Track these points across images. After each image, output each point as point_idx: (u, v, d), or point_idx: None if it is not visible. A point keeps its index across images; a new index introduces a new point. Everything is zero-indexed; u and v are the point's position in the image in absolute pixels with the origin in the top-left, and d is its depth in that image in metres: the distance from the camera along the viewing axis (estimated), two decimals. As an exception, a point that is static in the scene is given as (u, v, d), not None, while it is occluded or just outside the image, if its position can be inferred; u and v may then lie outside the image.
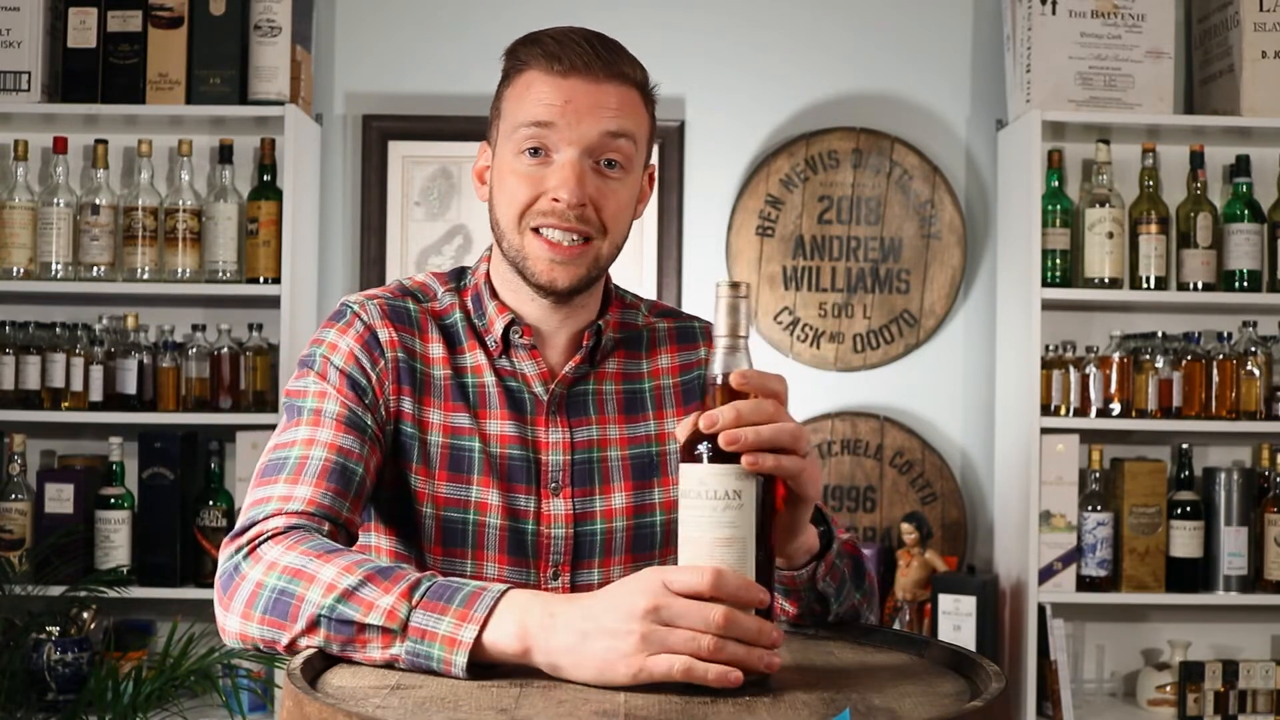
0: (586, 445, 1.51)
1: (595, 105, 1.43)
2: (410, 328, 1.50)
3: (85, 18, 3.13)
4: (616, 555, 1.50)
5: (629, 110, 1.46)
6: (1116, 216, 3.20)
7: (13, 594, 2.89)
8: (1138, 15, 3.18)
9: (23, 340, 3.14)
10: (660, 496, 1.53)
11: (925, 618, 3.19)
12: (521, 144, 1.45)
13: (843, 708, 1.07)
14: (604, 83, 1.44)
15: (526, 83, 1.46)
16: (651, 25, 3.40)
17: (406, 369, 1.47)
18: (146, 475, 3.13)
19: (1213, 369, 3.19)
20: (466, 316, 1.52)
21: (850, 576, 1.40)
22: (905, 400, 3.41)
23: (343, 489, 1.38)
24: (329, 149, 3.38)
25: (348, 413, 1.42)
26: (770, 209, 3.38)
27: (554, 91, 1.43)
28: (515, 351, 1.51)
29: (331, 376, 1.45)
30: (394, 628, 1.17)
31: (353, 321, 1.48)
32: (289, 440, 1.42)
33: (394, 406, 1.46)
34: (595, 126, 1.43)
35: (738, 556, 1.12)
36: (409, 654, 1.17)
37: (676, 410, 1.56)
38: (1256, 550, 3.21)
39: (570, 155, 1.44)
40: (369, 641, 1.19)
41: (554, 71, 1.44)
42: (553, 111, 1.43)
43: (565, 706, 1.07)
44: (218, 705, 2.91)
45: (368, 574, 1.22)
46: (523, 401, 1.49)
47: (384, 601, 1.19)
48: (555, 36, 1.45)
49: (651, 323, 1.61)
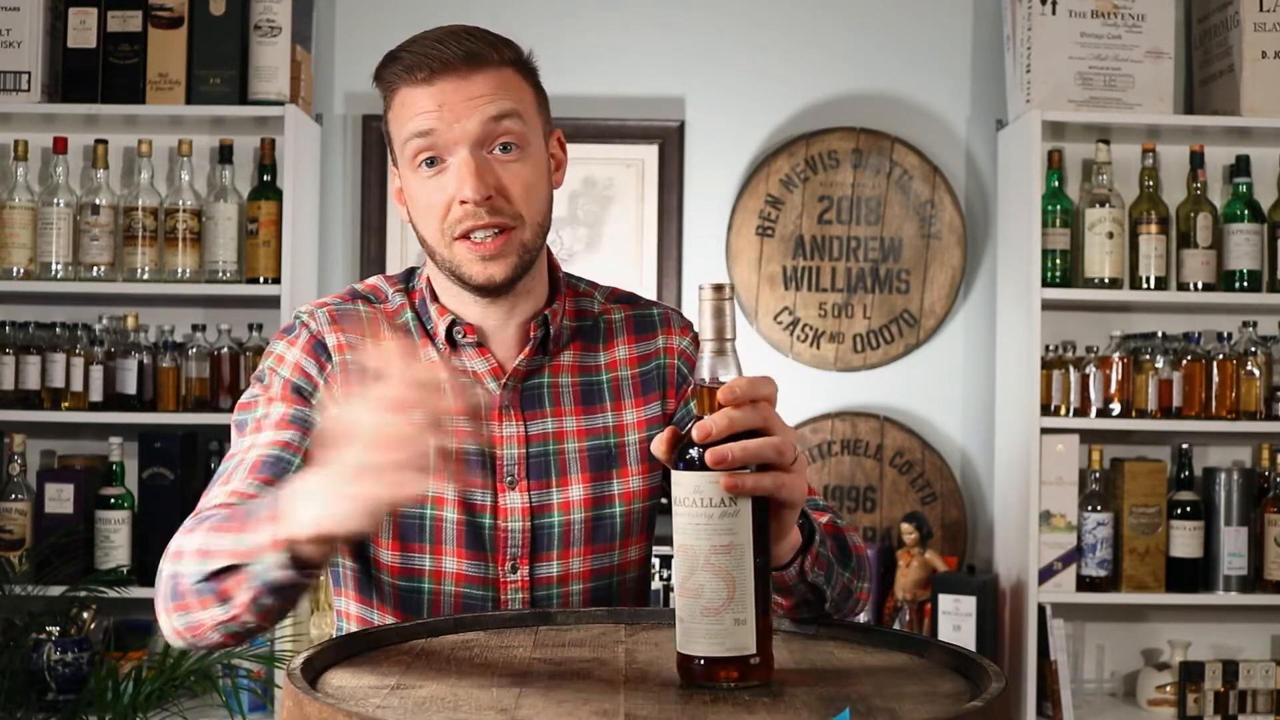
0: (542, 438, 1.51)
1: (467, 98, 1.43)
2: (360, 329, 1.51)
3: (85, 18, 3.13)
4: (575, 547, 1.50)
5: (505, 90, 1.45)
6: (1116, 216, 3.20)
7: (13, 594, 2.89)
8: (1138, 15, 3.18)
9: (23, 340, 3.14)
10: (619, 488, 1.53)
11: (925, 618, 3.19)
12: (414, 158, 1.46)
13: (843, 708, 1.07)
14: (470, 75, 1.44)
15: (400, 101, 1.46)
16: (651, 25, 3.40)
17: (356, 370, 1.48)
18: (146, 475, 3.13)
19: (1213, 369, 3.19)
20: (417, 316, 1.54)
21: (836, 558, 1.39)
22: (905, 400, 3.41)
23: (271, 476, 1.40)
24: (329, 149, 3.38)
25: (291, 412, 1.46)
26: (770, 209, 3.38)
27: (425, 99, 1.44)
28: (463, 350, 1.51)
29: (274, 387, 1.48)
30: (240, 563, 1.23)
31: (300, 332, 1.52)
32: (231, 453, 1.46)
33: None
34: (474, 118, 1.43)
35: (736, 563, 1.12)
36: (261, 585, 1.22)
37: (635, 401, 1.56)
38: (1256, 550, 3.21)
39: (461, 154, 1.44)
40: (231, 590, 1.24)
41: (419, 81, 1.44)
42: (430, 119, 1.44)
43: (565, 706, 1.07)
44: (218, 705, 2.91)
45: (216, 525, 1.28)
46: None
47: (225, 544, 1.25)
48: (410, 48, 1.46)
49: (608, 310, 1.60)
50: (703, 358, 1.16)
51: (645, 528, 1.57)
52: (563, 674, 1.18)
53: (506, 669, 1.18)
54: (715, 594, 1.11)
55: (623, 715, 1.05)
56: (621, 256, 3.36)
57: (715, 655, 1.11)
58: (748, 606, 1.12)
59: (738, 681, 1.12)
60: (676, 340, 1.60)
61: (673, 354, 1.60)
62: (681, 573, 1.13)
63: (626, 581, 1.55)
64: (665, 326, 1.61)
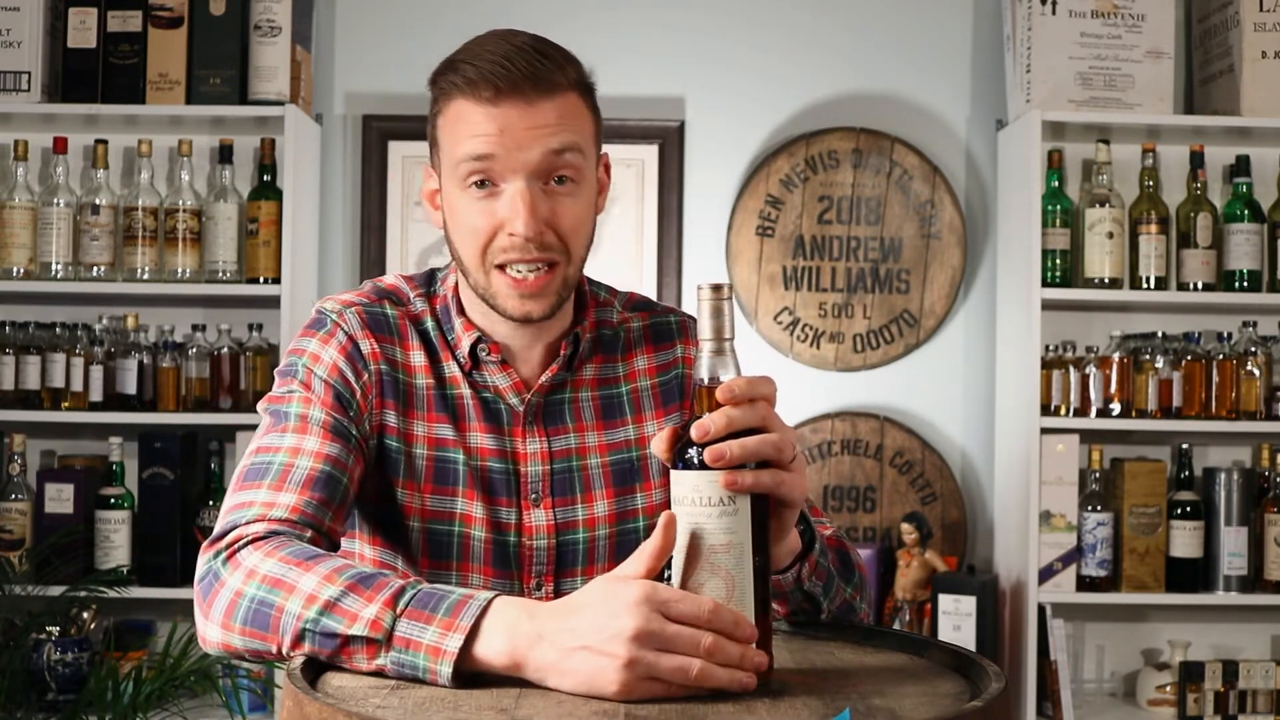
0: (565, 454, 1.49)
1: (531, 127, 1.37)
2: (390, 336, 1.47)
3: (85, 18, 3.13)
4: (600, 563, 1.48)
5: (569, 121, 1.39)
6: (1116, 216, 3.20)
7: (13, 594, 2.89)
8: (1138, 15, 3.18)
9: (23, 340, 3.14)
10: (642, 502, 1.51)
11: (925, 618, 3.19)
12: (465, 179, 1.40)
13: (843, 708, 1.07)
14: (537, 101, 1.37)
15: (456, 113, 1.40)
16: (651, 25, 3.40)
17: (390, 381, 1.45)
18: (146, 475, 3.13)
19: (1213, 369, 3.19)
20: (438, 325, 1.50)
21: (838, 572, 1.38)
22: (905, 400, 3.41)
23: (327, 497, 1.35)
24: (329, 149, 3.38)
25: (333, 421, 1.40)
26: (770, 209, 3.38)
27: (486, 121, 1.37)
28: (485, 367, 1.48)
29: (316, 387, 1.42)
30: (379, 638, 1.15)
31: (334, 332, 1.45)
32: (274, 445, 1.38)
33: (377, 420, 1.44)
34: (536, 149, 1.37)
35: (736, 561, 1.11)
36: (394, 664, 1.14)
37: (655, 413, 1.54)
38: (1256, 550, 3.21)
39: (517, 185, 1.38)
40: (355, 652, 1.16)
41: (482, 99, 1.37)
42: (490, 143, 1.37)
43: (565, 706, 1.07)
44: (218, 705, 2.91)
45: (349, 583, 1.19)
46: (499, 413, 1.48)
47: (368, 612, 1.16)
48: (474, 60, 1.38)
49: (626, 319, 1.57)
50: (701, 357, 1.15)
51: None
52: (563, 674, 1.18)
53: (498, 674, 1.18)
54: (714, 592, 1.11)
55: (623, 715, 1.05)
56: (621, 256, 3.36)
57: None
58: (747, 605, 1.12)
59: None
60: (694, 350, 1.58)
61: (690, 364, 1.57)
62: (682, 571, 1.13)
63: None
64: (683, 335, 1.58)
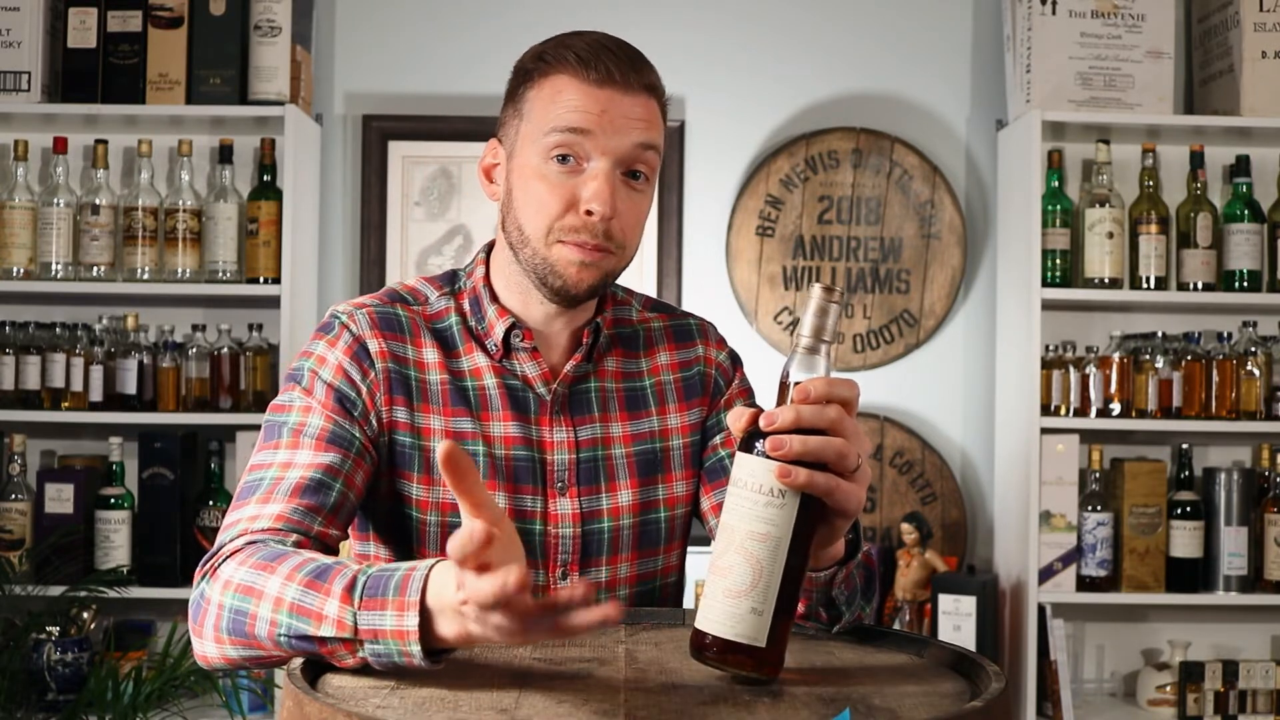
0: (591, 444, 1.50)
1: (628, 116, 1.43)
2: (400, 335, 1.48)
3: (85, 18, 3.13)
4: (624, 553, 1.50)
5: (655, 122, 1.46)
6: (1116, 216, 3.20)
7: (13, 594, 2.89)
8: (1138, 15, 3.18)
9: (23, 340, 3.14)
10: (664, 493, 1.53)
11: (925, 618, 3.19)
12: (551, 149, 1.43)
13: (843, 708, 1.07)
14: (635, 93, 1.44)
15: (557, 86, 1.43)
16: (652, 25, 3.40)
17: (399, 378, 1.46)
18: (146, 475, 3.13)
19: (1213, 369, 3.19)
20: (463, 319, 1.51)
21: (861, 589, 1.39)
22: (905, 400, 3.41)
23: (317, 503, 1.36)
24: (329, 149, 3.38)
25: (332, 427, 1.41)
26: (770, 209, 3.38)
27: (588, 99, 1.42)
28: (516, 354, 1.50)
29: (318, 391, 1.43)
30: (347, 636, 1.15)
31: (341, 333, 1.47)
32: (265, 462, 1.40)
33: (387, 418, 1.45)
34: (628, 138, 1.43)
35: (770, 554, 1.12)
36: (373, 655, 1.14)
37: (679, 405, 1.56)
38: (1256, 550, 3.21)
39: (604, 166, 1.42)
40: (335, 650, 1.16)
41: (588, 79, 1.42)
42: (589, 119, 1.41)
43: (565, 706, 1.07)
44: (218, 705, 2.91)
45: (306, 580, 1.19)
46: (526, 402, 1.49)
47: (330, 610, 1.16)
48: (587, 43, 1.44)
49: (646, 319, 1.61)
50: (794, 354, 1.15)
51: (685, 532, 1.58)
52: (563, 674, 1.18)
53: (506, 669, 1.18)
54: (740, 578, 1.12)
55: (623, 715, 1.05)
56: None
57: (724, 637, 1.12)
58: (768, 600, 1.12)
59: (741, 670, 1.13)
60: (714, 353, 1.62)
61: (711, 364, 1.61)
62: (718, 550, 1.14)
63: (667, 586, 1.56)
64: (703, 337, 1.62)
